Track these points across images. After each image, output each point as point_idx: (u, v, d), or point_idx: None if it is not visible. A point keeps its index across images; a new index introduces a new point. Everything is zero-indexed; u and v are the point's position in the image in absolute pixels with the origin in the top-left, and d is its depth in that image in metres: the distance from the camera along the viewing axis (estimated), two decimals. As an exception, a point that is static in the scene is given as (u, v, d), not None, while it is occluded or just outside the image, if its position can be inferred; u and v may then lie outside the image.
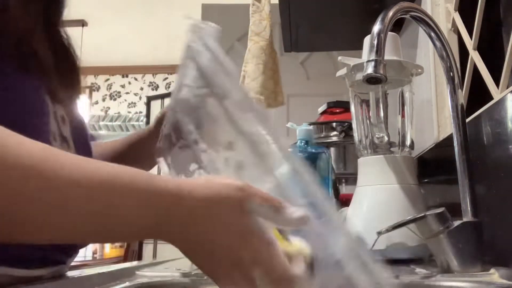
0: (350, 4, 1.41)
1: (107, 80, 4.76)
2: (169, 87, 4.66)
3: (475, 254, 0.64)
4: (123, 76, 4.74)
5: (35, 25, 0.53)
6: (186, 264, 0.69)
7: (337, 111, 1.33)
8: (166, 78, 4.69)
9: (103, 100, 4.76)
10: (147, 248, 4.03)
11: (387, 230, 0.69)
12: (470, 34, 0.94)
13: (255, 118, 0.42)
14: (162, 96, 4.52)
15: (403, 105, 0.94)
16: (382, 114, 0.94)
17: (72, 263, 0.62)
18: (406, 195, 0.86)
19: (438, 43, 0.73)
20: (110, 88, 4.76)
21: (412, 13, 0.72)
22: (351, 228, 0.74)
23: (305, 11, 1.45)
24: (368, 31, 0.68)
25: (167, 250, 0.59)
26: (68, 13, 0.63)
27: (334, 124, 1.24)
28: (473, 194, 0.67)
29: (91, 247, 3.90)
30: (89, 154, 0.63)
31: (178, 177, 0.48)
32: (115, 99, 4.73)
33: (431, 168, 1.02)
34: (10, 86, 0.47)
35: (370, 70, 0.63)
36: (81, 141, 0.61)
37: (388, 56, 0.79)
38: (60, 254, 0.58)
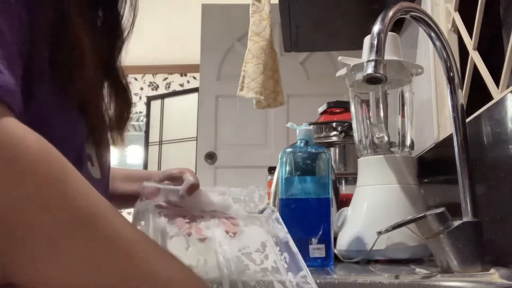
0: (350, 4, 1.41)
1: (107, 80, 4.76)
2: (169, 87, 4.66)
3: (475, 254, 0.64)
4: (123, 76, 4.74)
5: (102, 82, 0.53)
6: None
7: (337, 111, 1.33)
8: (166, 78, 4.69)
9: (103, 100, 4.76)
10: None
11: (387, 230, 0.69)
12: (470, 34, 0.94)
13: None
14: (162, 96, 4.52)
15: (403, 105, 0.94)
16: (382, 114, 0.94)
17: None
18: (406, 195, 0.86)
19: (438, 43, 0.73)
20: (110, 88, 4.76)
21: (412, 13, 0.72)
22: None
23: (305, 11, 1.45)
24: (368, 31, 0.68)
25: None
26: None
27: (334, 124, 1.24)
28: (473, 194, 0.67)
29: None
30: (108, 171, 0.63)
31: None
32: (115, 99, 4.73)
33: (431, 168, 1.02)
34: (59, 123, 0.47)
35: (370, 70, 0.63)
36: (104, 160, 0.60)
37: (388, 56, 0.79)
38: None
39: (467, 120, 0.72)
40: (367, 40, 0.89)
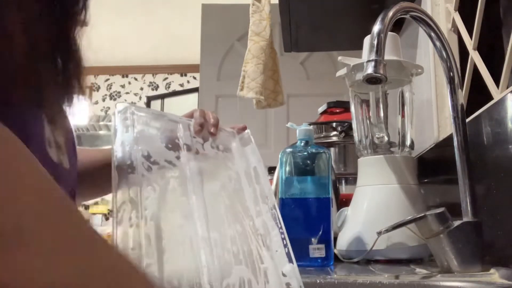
0: (350, 4, 1.41)
1: (107, 80, 4.76)
2: (169, 87, 4.66)
3: (475, 254, 0.64)
4: (123, 76, 4.74)
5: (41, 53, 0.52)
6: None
7: (337, 111, 1.33)
8: (166, 78, 4.69)
9: (103, 100, 4.76)
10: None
11: (387, 230, 0.69)
12: (470, 34, 0.94)
13: None
14: (162, 96, 4.52)
15: (403, 105, 0.94)
16: (382, 114, 0.94)
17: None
18: (406, 195, 0.86)
19: (438, 43, 0.73)
20: (110, 88, 4.75)
21: (412, 13, 0.72)
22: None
23: (305, 11, 1.45)
24: (368, 31, 0.68)
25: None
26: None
27: (334, 124, 1.24)
28: (473, 194, 0.67)
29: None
30: (75, 159, 0.63)
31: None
32: (115, 99, 4.73)
33: (431, 168, 1.02)
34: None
35: (370, 70, 0.63)
36: (71, 149, 0.60)
37: (388, 56, 0.79)
38: None
39: (467, 120, 0.72)
40: (367, 40, 0.89)
